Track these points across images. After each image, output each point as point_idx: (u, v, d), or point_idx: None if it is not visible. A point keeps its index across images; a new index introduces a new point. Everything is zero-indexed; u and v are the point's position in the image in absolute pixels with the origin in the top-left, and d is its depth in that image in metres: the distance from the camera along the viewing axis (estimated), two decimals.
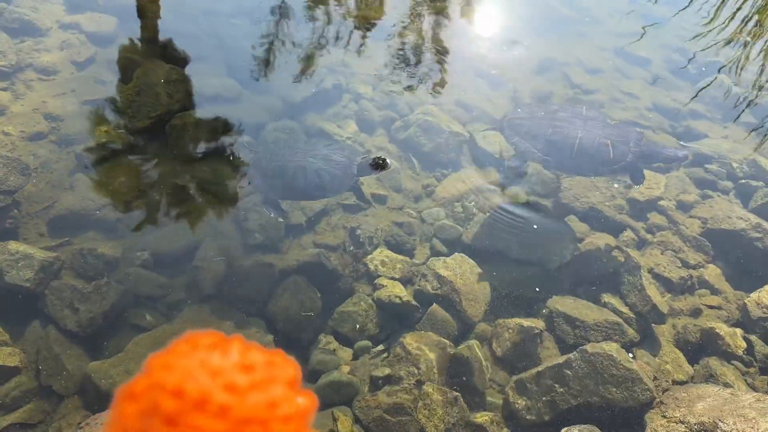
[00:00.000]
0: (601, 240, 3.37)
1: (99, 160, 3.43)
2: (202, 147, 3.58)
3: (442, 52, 4.50)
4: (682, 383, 2.69)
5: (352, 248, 3.22)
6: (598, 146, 3.15)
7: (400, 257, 3.21)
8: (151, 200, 3.33)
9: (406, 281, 3.13)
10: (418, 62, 4.41)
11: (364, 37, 4.56)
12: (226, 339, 0.59)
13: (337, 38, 4.47)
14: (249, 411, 0.54)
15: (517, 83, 4.43)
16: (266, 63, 4.12)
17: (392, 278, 3.09)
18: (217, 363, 0.56)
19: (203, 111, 3.68)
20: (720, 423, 2.26)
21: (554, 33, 4.91)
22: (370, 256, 3.18)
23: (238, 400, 0.54)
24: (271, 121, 3.70)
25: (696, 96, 4.38)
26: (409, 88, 4.19)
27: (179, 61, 3.93)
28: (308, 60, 4.21)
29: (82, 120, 3.60)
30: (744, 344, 2.85)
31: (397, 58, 4.45)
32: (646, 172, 3.61)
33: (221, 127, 3.65)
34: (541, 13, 4.97)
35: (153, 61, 3.82)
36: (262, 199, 3.30)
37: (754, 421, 2.24)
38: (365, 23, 4.64)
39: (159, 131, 3.58)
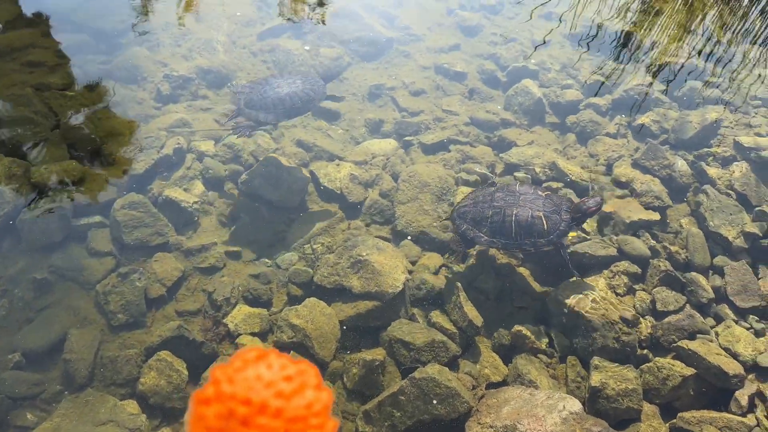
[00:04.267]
0: (430, 261, 3.90)
1: None
2: (56, 235, 3.75)
3: None
4: (498, 384, 3.28)
5: (211, 312, 3.57)
6: (533, 220, 3.51)
7: (258, 311, 3.59)
8: (14, 298, 3.51)
9: (266, 333, 3.53)
10: None
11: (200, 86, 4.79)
12: (266, 352, 0.86)
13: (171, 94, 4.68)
14: (295, 411, 0.84)
15: (352, 113, 4.84)
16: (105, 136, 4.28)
17: (252, 334, 3.48)
18: (267, 376, 0.83)
19: (49, 200, 3.83)
20: (518, 425, 2.85)
21: (381, 57, 5.32)
22: (230, 316, 3.54)
23: (287, 404, 0.83)
24: (118, 197, 3.91)
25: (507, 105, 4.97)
26: (250, 136, 4.49)
27: (17, 149, 4.03)
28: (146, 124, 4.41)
29: None
30: (547, 339, 3.48)
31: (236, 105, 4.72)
32: (462, 189, 4.18)
33: (70, 213, 3.83)
34: (367, 37, 5.35)
35: None
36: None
37: (543, 418, 2.85)
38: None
39: (10, 228, 3.72)
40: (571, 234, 3.93)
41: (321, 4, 5.91)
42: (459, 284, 3.59)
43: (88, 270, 3.70)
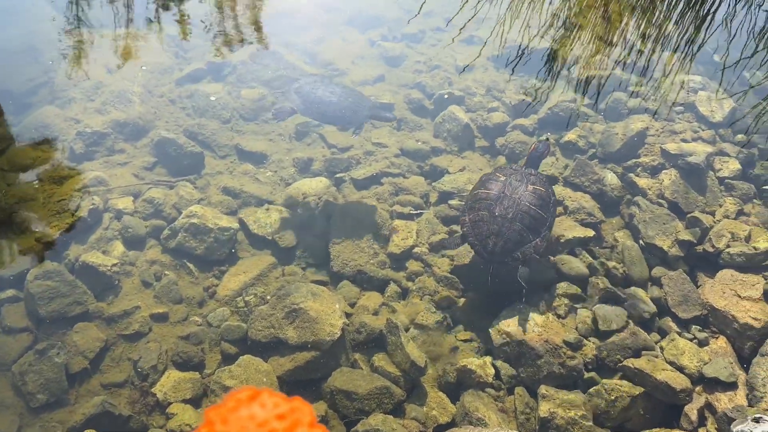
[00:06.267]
0: (369, 301, 3.76)
1: None
2: None
3: (204, 141, 4.64)
4: (446, 426, 3.15)
5: (138, 382, 3.34)
6: (535, 193, 3.60)
7: (189, 375, 3.37)
8: None
9: (200, 398, 3.32)
10: (179, 155, 4.51)
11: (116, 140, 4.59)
12: (258, 392, 0.86)
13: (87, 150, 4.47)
14: None
15: (279, 154, 4.70)
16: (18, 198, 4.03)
17: (184, 401, 3.26)
18: (260, 415, 0.83)
19: None
20: None
21: None
22: (158, 384, 3.31)
23: None
24: (31, 267, 3.66)
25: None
26: (172, 187, 4.31)
27: None
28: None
29: None
30: (492, 371, 3.37)
31: (155, 157, 4.53)
32: (397, 223, 4.11)
33: None
34: (288, 76, 5.25)
35: None
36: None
37: None
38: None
39: None
40: None
41: (259, 29, 5.81)
42: (399, 324, 3.46)
43: (2, 349, 3.43)
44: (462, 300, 3.77)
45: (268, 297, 3.73)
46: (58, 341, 3.43)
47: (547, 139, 4.02)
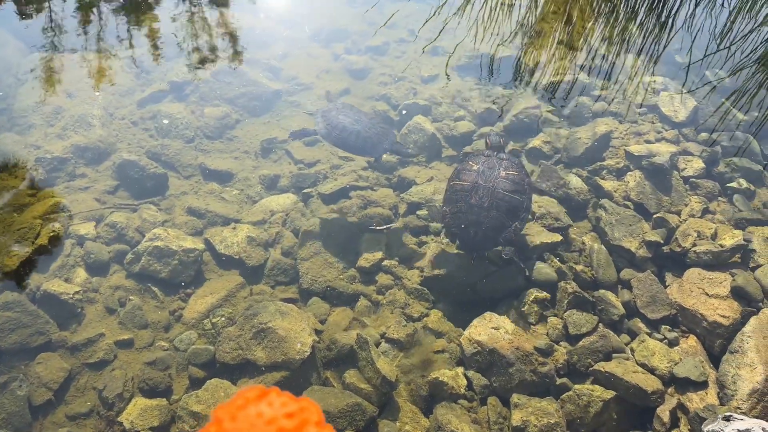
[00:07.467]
0: (339, 317, 3.71)
1: None
2: None
3: (167, 162, 4.58)
4: None
5: (104, 411, 3.25)
6: (507, 178, 3.67)
7: (156, 402, 3.29)
8: None
9: (168, 425, 3.23)
10: (142, 177, 4.45)
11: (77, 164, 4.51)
12: (266, 391, 0.87)
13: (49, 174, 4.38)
14: None
15: (245, 172, 4.65)
16: None
17: (151, 429, 3.18)
18: (269, 413, 0.84)
19: None
20: None
21: (269, 110, 5.19)
22: (125, 413, 3.22)
23: None
24: None
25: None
26: (135, 210, 4.24)
27: None
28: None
29: None
30: (465, 382, 3.33)
31: (118, 180, 4.45)
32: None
33: None
34: (251, 93, 5.21)
35: None
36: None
37: None
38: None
39: None
40: None
41: (236, 53, 5.77)
42: (369, 339, 3.41)
43: None
44: (433, 311, 3.74)
45: (236, 318, 3.66)
46: (21, 373, 3.34)
47: (495, 134, 4.15)
